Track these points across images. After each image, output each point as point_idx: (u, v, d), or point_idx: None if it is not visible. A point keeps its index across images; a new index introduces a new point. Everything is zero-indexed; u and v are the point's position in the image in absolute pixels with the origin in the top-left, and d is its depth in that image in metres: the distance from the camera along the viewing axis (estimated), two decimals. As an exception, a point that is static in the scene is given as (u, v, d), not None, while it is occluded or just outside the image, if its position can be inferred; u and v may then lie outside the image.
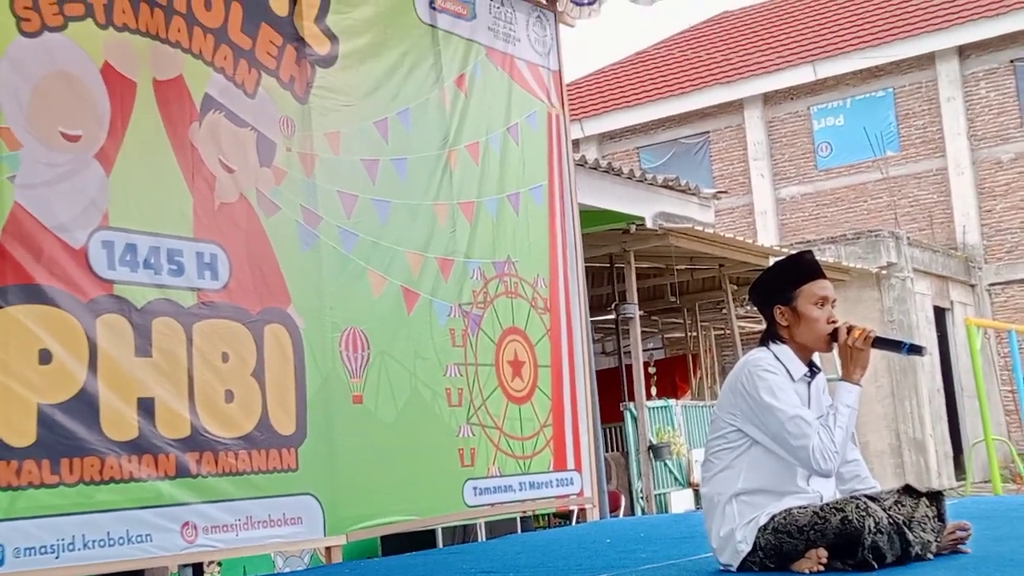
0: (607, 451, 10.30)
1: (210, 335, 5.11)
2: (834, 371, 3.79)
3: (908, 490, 3.64)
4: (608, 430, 10.80)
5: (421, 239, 6.39)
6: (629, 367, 11.77)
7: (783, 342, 3.73)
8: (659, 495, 10.82)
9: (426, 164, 6.52)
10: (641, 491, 10.77)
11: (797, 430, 3.50)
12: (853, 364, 3.64)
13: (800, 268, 3.80)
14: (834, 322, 3.70)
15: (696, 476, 10.78)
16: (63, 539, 4.45)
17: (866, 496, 3.54)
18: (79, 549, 4.49)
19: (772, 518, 3.52)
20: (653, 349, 17.23)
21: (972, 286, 19.66)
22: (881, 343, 3.72)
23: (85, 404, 4.55)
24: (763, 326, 3.92)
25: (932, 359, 17.30)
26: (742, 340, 14.25)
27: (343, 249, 5.88)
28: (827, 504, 3.51)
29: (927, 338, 17.12)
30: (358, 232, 5.99)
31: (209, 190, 5.22)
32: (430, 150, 6.55)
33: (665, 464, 11.02)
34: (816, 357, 3.88)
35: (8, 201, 4.43)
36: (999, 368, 17.76)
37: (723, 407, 3.76)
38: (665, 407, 11.77)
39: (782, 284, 3.77)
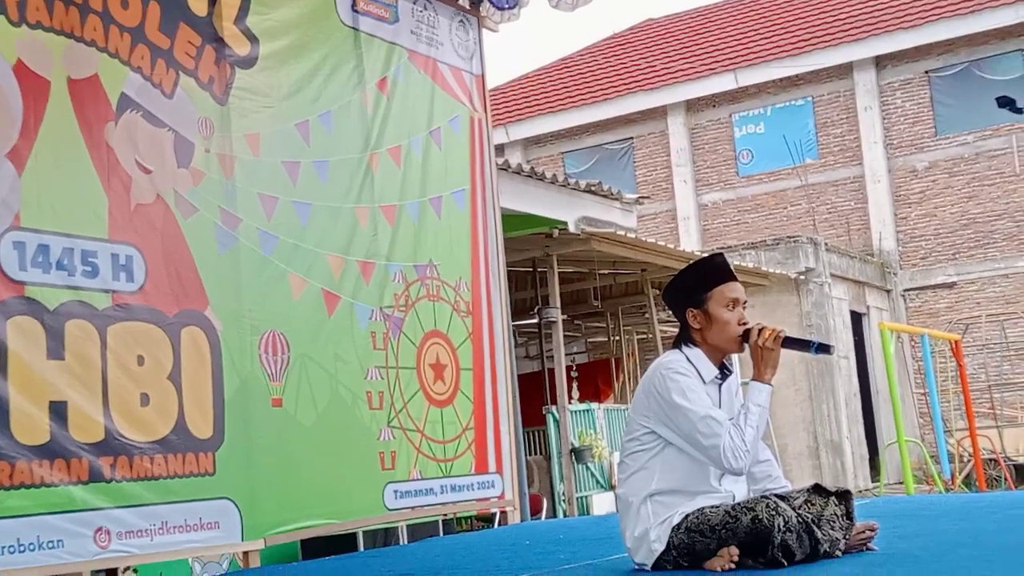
0: (529, 454, 10.34)
1: (125, 338, 5.01)
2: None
3: (818, 489, 3.69)
4: (530, 433, 10.84)
5: (342, 242, 6.34)
6: (552, 371, 11.79)
7: (695, 344, 3.77)
8: (581, 498, 10.87)
9: (348, 167, 6.47)
10: (563, 494, 10.81)
11: (708, 430, 3.54)
12: (764, 364, 3.68)
13: (711, 271, 3.84)
14: (745, 323, 3.74)
15: (617, 479, 10.84)
16: (-29, 547, 4.35)
17: (776, 496, 3.59)
18: (-12, 557, 4.40)
19: (685, 517, 3.56)
20: (576, 353, 17.25)
21: (887, 291, 19.96)
22: (791, 343, 3.77)
23: (-8, 408, 4.46)
24: (676, 329, 3.93)
25: (849, 362, 17.54)
26: (664, 344, 14.30)
27: (263, 251, 5.82)
28: (739, 504, 3.56)
29: (844, 342, 17.38)
30: (278, 234, 5.92)
31: (125, 191, 5.13)
32: (352, 153, 6.50)
33: (587, 467, 11.07)
34: (735, 358, 3.91)
35: (-86, 201, 4.33)
36: (913, 372, 18.06)
37: (637, 409, 3.79)
38: (587, 410, 11.81)
39: (693, 287, 3.81)
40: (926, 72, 20.40)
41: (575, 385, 12.64)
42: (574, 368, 13.90)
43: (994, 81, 19.87)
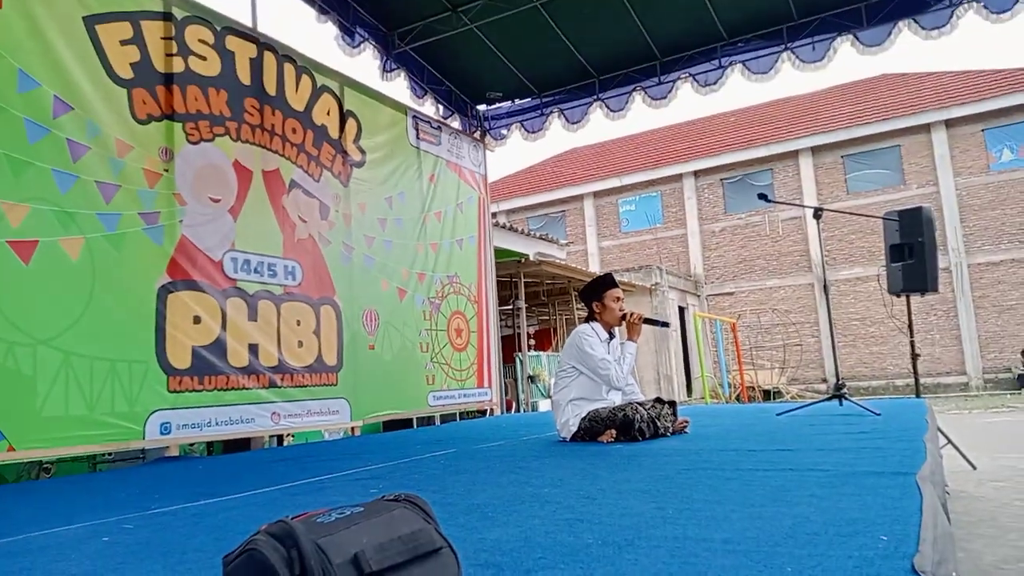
0: (506, 378, 10.27)
1: (290, 310, 4.99)
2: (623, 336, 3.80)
3: (658, 400, 3.69)
4: (506, 367, 10.76)
5: (409, 261, 6.31)
6: (519, 334, 11.71)
7: (597, 321, 3.75)
8: (533, 402, 10.85)
9: (412, 222, 6.44)
10: (524, 400, 10.76)
11: (603, 365, 3.53)
12: (632, 332, 3.68)
13: (605, 281, 3.84)
14: (623, 311, 3.72)
15: (553, 392, 10.78)
16: (204, 420, 4.30)
17: (636, 402, 3.56)
18: (213, 426, 4.35)
19: (588, 412, 3.54)
20: (531, 325, 17.22)
21: (699, 296, 20.05)
22: (648, 321, 3.77)
23: (219, 346, 4.42)
24: (586, 313, 3.92)
25: (676, 333, 17.58)
26: (579, 320, 14.28)
27: (366, 265, 5.79)
28: (616, 406, 3.54)
29: (675, 323, 17.40)
30: (375, 256, 5.89)
31: (292, 231, 5.10)
32: (415, 213, 6.48)
33: (536, 386, 11.05)
34: (617, 330, 3.89)
35: (178, 233, 4.29)
36: (710, 339, 18.08)
37: (565, 355, 3.78)
38: (537, 356, 11.78)
39: (596, 290, 3.80)
40: (720, 179, 20.52)
41: (531, 343, 12.59)
42: (531, 335, 13.85)
43: (756, 185, 20.00)
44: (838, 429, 3.38)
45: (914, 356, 5.99)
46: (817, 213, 4.62)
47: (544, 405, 10.73)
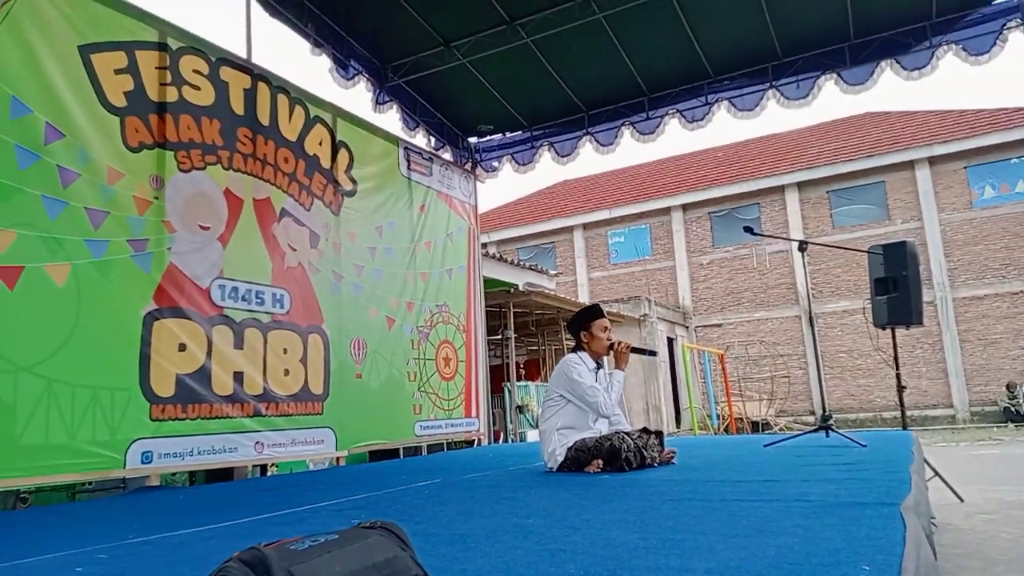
0: (495, 408, 10.21)
1: (278, 338, 4.95)
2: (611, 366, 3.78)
3: (645, 430, 3.67)
4: (495, 398, 10.71)
5: (398, 290, 6.29)
6: (507, 364, 11.66)
7: (584, 350, 3.74)
8: (521, 432, 10.75)
9: (402, 251, 6.43)
10: (512, 430, 10.67)
11: (592, 392, 3.50)
12: (619, 361, 3.67)
13: (593, 312, 3.84)
14: (611, 340, 3.72)
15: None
16: (187, 449, 4.23)
17: (623, 432, 3.54)
18: (196, 456, 4.28)
19: (575, 442, 3.52)
20: (520, 355, 17.15)
21: (687, 327, 20.07)
22: (635, 350, 3.75)
23: (203, 374, 4.37)
24: (574, 343, 3.91)
25: (665, 364, 17.57)
26: (567, 350, 14.21)
27: (355, 294, 5.76)
28: (603, 436, 3.52)
29: (664, 354, 17.39)
30: (364, 285, 5.87)
31: (281, 260, 5.08)
32: (405, 243, 6.47)
33: (524, 416, 10.97)
34: (605, 359, 3.88)
35: (166, 261, 4.26)
36: (699, 371, 18.07)
37: (553, 383, 3.76)
38: (526, 386, 11.73)
39: (584, 320, 3.80)
40: (709, 213, 20.68)
41: (520, 373, 12.53)
42: (521, 365, 13.80)
43: (744, 219, 20.18)
44: (824, 460, 3.37)
45: (900, 388, 6.00)
46: (802, 246, 4.66)
47: (532, 435, 10.65)
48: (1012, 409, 15.71)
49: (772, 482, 2.58)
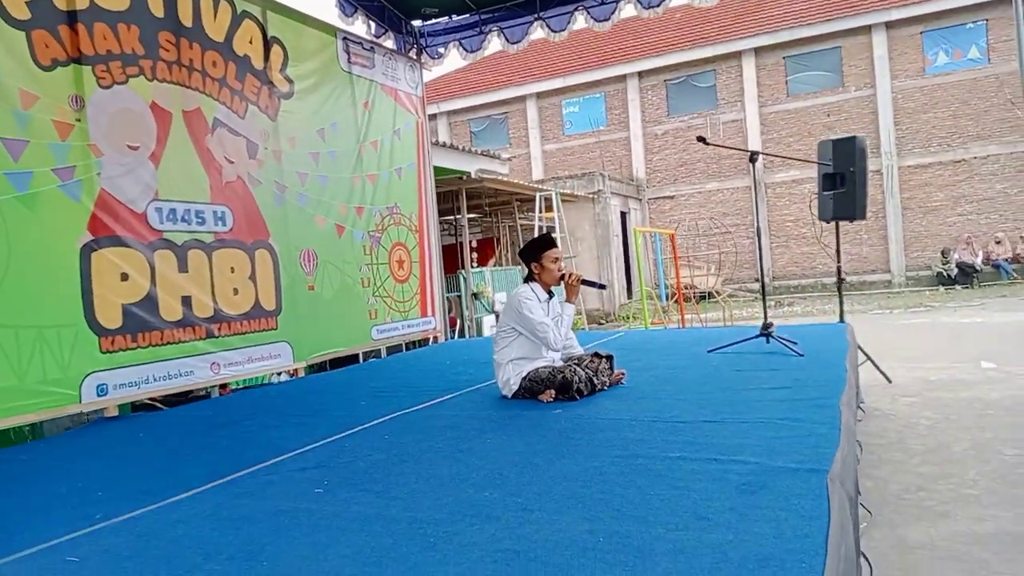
0: (449, 292, 10.31)
1: (223, 257, 4.87)
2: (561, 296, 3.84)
3: (596, 355, 3.78)
4: (449, 280, 10.76)
5: (346, 195, 6.16)
6: (461, 244, 11.60)
7: (535, 281, 3.77)
8: (477, 318, 10.95)
9: (348, 153, 6.24)
10: (468, 317, 10.88)
11: (542, 327, 3.58)
12: (570, 293, 3.73)
13: (544, 242, 3.84)
14: (561, 271, 3.75)
15: (497, 307, 10.89)
16: (142, 377, 4.26)
17: (574, 361, 3.66)
18: (151, 383, 4.31)
19: (528, 372, 3.63)
20: (474, 234, 17.15)
21: (640, 200, 20.20)
22: (585, 282, 3.80)
23: (150, 302, 4.32)
24: (526, 272, 3.90)
25: (618, 239, 17.79)
26: (521, 230, 14.30)
27: (300, 204, 5.63)
28: (556, 366, 3.63)
29: (616, 232, 17.56)
30: (309, 194, 5.73)
31: (219, 174, 4.90)
32: (350, 145, 6.26)
33: (480, 302, 11.13)
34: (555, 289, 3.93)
35: (97, 187, 4.08)
36: (650, 251, 18.38)
37: (504, 316, 3.81)
38: (481, 272, 11.77)
39: (535, 251, 3.80)
40: (664, 80, 20.23)
41: (473, 256, 12.56)
42: (473, 246, 13.78)
43: (700, 86, 19.83)
44: (763, 382, 3.57)
45: (840, 281, 6.28)
46: (752, 157, 4.67)
47: (488, 320, 10.89)
48: (944, 274, 16.59)
49: (713, 423, 2.76)
